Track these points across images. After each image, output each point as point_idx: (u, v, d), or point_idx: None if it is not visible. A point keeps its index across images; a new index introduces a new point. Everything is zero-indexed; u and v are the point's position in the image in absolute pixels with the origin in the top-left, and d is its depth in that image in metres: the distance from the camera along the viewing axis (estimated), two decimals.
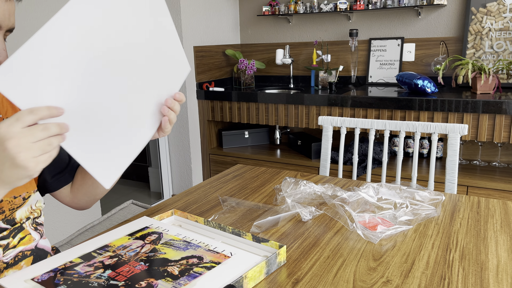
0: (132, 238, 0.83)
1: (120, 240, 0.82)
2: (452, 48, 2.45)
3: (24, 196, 0.85)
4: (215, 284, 0.66)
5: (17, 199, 0.83)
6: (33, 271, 0.72)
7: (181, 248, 0.78)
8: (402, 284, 0.70)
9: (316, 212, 0.97)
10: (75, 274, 0.70)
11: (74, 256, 0.77)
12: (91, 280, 0.68)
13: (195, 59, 2.71)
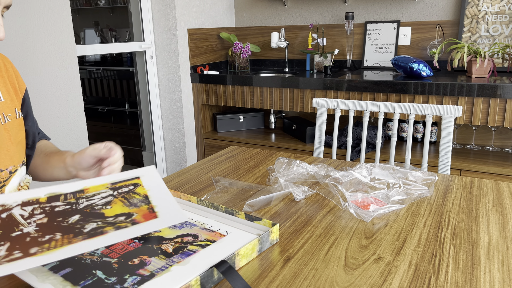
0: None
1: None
2: (448, 31, 2.43)
3: (11, 169, 0.84)
4: (209, 262, 0.66)
5: (4, 173, 0.83)
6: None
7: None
8: (394, 261, 0.70)
9: (308, 191, 0.96)
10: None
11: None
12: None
13: (189, 42, 2.67)
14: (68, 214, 0.69)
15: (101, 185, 0.79)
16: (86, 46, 2.39)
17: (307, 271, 0.67)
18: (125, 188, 0.78)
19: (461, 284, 0.63)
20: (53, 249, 0.59)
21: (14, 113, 0.88)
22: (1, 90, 0.86)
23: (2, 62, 0.89)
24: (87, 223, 0.67)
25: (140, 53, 2.70)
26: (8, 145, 0.85)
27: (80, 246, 0.60)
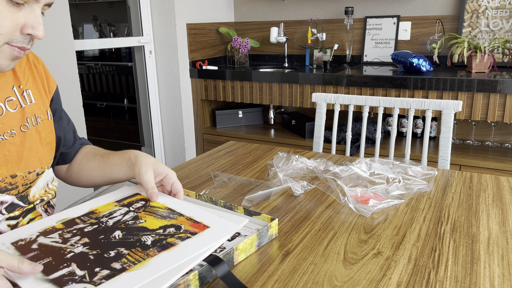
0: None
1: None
2: (448, 26, 2.42)
3: (38, 171, 0.85)
4: (184, 256, 0.62)
5: (31, 175, 0.83)
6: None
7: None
8: (393, 255, 0.69)
9: (308, 186, 0.96)
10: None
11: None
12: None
13: (188, 37, 2.66)
14: (105, 232, 0.70)
15: (107, 204, 0.81)
16: (84, 41, 2.37)
17: (306, 266, 0.67)
18: (136, 203, 0.81)
19: (461, 278, 0.63)
20: (141, 263, 0.60)
21: (46, 115, 0.88)
22: (33, 92, 0.86)
23: (33, 63, 0.89)
24: (139, 236, 0.68)
25: (139, 48, 2.69)
26: (38, 147, 0.85)
27: (167, 258, 0.62)
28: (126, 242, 0.67)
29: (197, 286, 0.61)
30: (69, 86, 2.00)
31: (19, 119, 0.81)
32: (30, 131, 0.83)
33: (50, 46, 1.89)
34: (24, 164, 0.81)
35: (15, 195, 0.80)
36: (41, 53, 1.85)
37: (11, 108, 0.80)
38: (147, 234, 0.69)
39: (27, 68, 0.87)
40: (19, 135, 0.81)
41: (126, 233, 0.70)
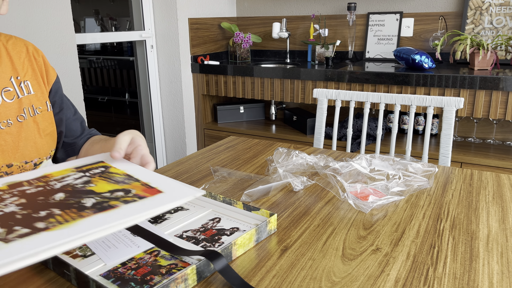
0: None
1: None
2: (451, 23, 2.41)
3: (36, 162, 0.86)
4: (118, 218, 0.56)
5: (28, 165, 0.84)
6: None
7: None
8: (392, 252, 0.69)
9: (307, 182, 0.96)
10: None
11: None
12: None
13: (190, 32, 2.65)
14: (47, 194, 0.63)
15: (64, 170, 0.73)
16: (86, 35, 2.37)
17: (304, 261, 0.67)
18: (95, 169, 0.73)
19: (459, 275, 0.63)
20: (66, 223, 0.54)
21: (45, 106, 0.89)
22: (32, 83, 0.87)
23: (33, 54, 0.89)
24: (81, 199, 0.61)
25: (141, 42, 2.68)
26: (36, 138, 0.85)
27: (98, 219, 0.55)
28: (63, 204, 0.60)
29: (195, 280, 0.61)
30: (70, 80, 2.00)
31: (16, 109, 0.82)
32: (27, 122, 0.84)
33: (51, 40, 1.89)
34: (20, 153, 0.82)
35: None
36: (41, 46, 1.85)
37: (8, 98, 0.81)
38: (90, 197, 0.62)
39: (26, 59, 0.87)
40: (16, 125, 0.81)
41: (69, 196, 0.63)
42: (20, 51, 0.87)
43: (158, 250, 0.69)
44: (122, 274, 0.62)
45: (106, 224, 0.54)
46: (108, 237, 0.73)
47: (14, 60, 0.84)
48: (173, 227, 0.77)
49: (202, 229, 0.76)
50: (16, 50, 0.86)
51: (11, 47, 0.86)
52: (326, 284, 0.61)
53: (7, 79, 0.82)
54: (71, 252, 0.69)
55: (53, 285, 0.61)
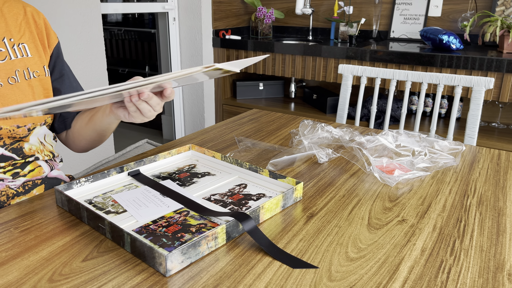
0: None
1: None
2: (482, 4, 2.33)
3: (29, 127, 0.84)
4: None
5: (21, 129, 0.83)
6: None
7: None
8: (418, 223, 0.70)
9: (333, 154, 0.96)
10: None
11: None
12: None
13: (213, 5, 2.63)
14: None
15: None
16: (108, 5, 2.37)
17: (330, 228, 0.68)
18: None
19: (486, 248, 0.63)
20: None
21: (43, 71, 0.86)
22: (29, 46, 0.85)
23: (32, 17, 0.87)
24: None
25: (163, 14, 2.67)
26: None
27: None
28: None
29: (224, 239, 0.62)
30: (94, 50, 2.01)
31: (6, 70, 0.80)
32: (20, 85, 0.82)
33: (77, 8, 1.89)
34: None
35: (1, 146, 0.81)
36: (67, 14, 1.86)
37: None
38: None
39: (24, 22, 0.85)
40: (6, 87, 0.80)
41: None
42: (17, 13, 0.85)
43: (188, 210, 0.70)
44: (153, 230, 0.64)
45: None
46: (138, 197, 0.75)
47: (9, 22, 0.83)
48: (201, 190, 0.79)
49: (229, 193, 0.77)
50: (13, 13, 0.84)
51: (7, 10, 0.84)
52: (353, 250, 0.62)
53: (0, 40, 0.80)
54: (103, 209, 0.71)
55: (88, 237, 0.64)
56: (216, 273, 0.56)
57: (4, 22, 0.82)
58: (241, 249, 0.61)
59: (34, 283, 0.53)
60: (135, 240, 0.58)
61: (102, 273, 0.55)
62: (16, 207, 0.73)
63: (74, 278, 0.54)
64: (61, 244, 0.62)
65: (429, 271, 0.57)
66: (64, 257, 0.59)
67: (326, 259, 0.59)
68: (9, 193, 0.82)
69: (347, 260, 0.59)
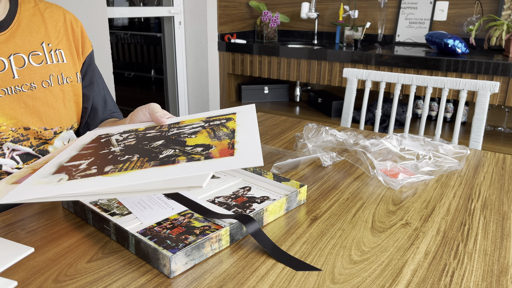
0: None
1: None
2: (487, 8, 2.33)
3: (56, 130, 0.87)
4: (164, 175, 0.56)
5: (48, 132, 0.85)
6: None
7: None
8: (421, 227, 0.70)
9: (337, 158, 0.96)
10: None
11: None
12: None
13: (218, 9, 2.64)
14: (155, 139, 0.70)
15: (197, 119, 0.78)
16: (114, 9, 2.39)
17: (334, 231, 0.68)
18: (217, 121, 0.74)
19: (490, 252, 0.63)
20: (123, 172, 0.58)
21: (75, 77, 0.89)
22: (65, 52, 0.87)
23: (71, 24, 0.90)
24: (166, 148, 0.64)
25: (169, 18, 2.69)
26: (60, 106, 0.86)
27: (146, 173, 0.56)
28: (147, 151, 0.64)
29: (228, 241, 0.63)
30: (100, 54, 2.03)
31: (42, 74, 0.82)
32: (53, 89, 0.84)
33: (83, 12, 1.91)
34: (38, 118, 0.83)
35: (29, 146, 0.83)
36: None
37: (36, 62, 0.81)
38: (174, 148, 0.64)
39: (62, 29, 0.88)
40: (40, 90, 0.82)
41: (163, 144, 0.66)
42: (57, 19, 0.88)
43: (192, 213, 0.71)
44: (158, 232, 0.65)
45: (140, 178, 0.55)
46: (143, 199, 0.75)
47: (49, 28, 0.85)
48: (205, 192, 0.79)
49: (233, 196, 0.78)
50: (53, 19, 0.87)
51: (48, 15, 0.86)
52: (356, 252, 0.62)
53: (38, 44, 0.83)
54: (108, 210, 0.72)
55: (93, 239, 0.64)
56: (219, 274, 0.57)
57: (44, 27, 0.85)
58: (244, 251, 0.62)
59: (40, 284, 0.54)
60: (140, 241, 0.58)
61: (107, 274, 0.56)
62: (23, 208, 0.74)
63: (79, 279, 0.55)
64: (67, 245, 0.62)
65: (433, 274, 0.57)
66: (70, 258, 0.59)
67: (330, 262, 0.60)
68: None
69: (351, 263, 0.59)
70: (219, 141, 0.65)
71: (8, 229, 0.67)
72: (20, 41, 0.80)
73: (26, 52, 0.80)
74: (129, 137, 0.74)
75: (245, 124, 0.71)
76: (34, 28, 0.83)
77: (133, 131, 0.78)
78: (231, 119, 0.74)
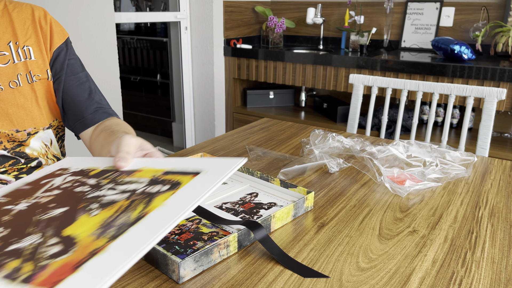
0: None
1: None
2: (494, 14, 2.32)
3: (30, 131, 0.84)
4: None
5: (20, 133, 0.83)
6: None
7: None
8: (429, 234, 0.70)
9: (343, 164, 0.96)
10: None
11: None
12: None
13: (224, 14, 2.66)
14: (62, 202, 0.59)
15: (153, 170, 0.63)
16: (121, 14, 2.41)
17: (341, 238, 0.68)
18: (166, 182, 0.58)
19: (498, 260, 0.63)
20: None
21: (45, 74, 0.86)
22: (34, 49, 0.84)
23: (39, 21, 0.86)
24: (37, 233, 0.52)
25: (175, 23, 2.71)
26: (32, 106, 0.83)
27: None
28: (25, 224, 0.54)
29: (236, 248, 0.63)
30: (107, 58, 2.05)
31: (8, 74, 0.80)
32: (22, 89, 0.81)
33: (90, 18, 1.93)
34: (9, 121, 0.80)
35: (2, 149, 0.81)
36: (81, 24, 1.90)
37: (1, 63, 0.79)
38: (39, 236, 0.51)
39: (31, 26, 0.85)
40: (7, 91, 0.80)
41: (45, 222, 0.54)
42: (25, 18, 0.85)
43: (200, 219, 0.71)
44: (166, 238, 0.65)
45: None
46: None
47: (17, 27, 0.83)
48: (212, 198, 0.79)
49: (241, 202, 0.78)
50: (21, 17, 0.84)
51: (16, 15, 0.84)
52: (363, 259, 0.62)
53: (5, 44, 0.80)
54: None
55: None
56: (228, 281, 0.57)
57: (11, 27, 0.82)
58: (252, 258, 0.62)
59: None
60: None
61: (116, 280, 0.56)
62: None
63: None
64: None
65: (440, 282, 0.57)
66: None
67: (337, 269, 0.60)
68: None
69: (358, 270, 0.60)
70: (101, 236, 0.47)
71: None
72: None
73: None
74: (56, 187, 0.63)
75: (181, 199, 0.52)
76: (0, 29, 0.81)
77: (79, 173, 0.66)
78: (179, 184, 0.56)
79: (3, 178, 0.83)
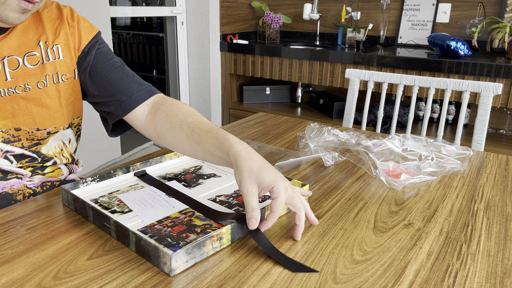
0: None
1: None
2: (490, 10, 2.32)
3: (50, 131, 0.85)
4: None
5: (40, 132, 0.83)
6: None
7: None
8: (424, 227, 0.69)
9: (339, 158, 0.96)
10: None
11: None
12: None
13: (221, 10, 2.64)
14: None
15: None
16: (117, 8, 2.39)
17: (335, 231, 0.67)
18: None
19: (494, 253, 0.62)
20: None
21: (72, 74, 0.86)
22: (62, 47, 0.84)
23: (66, 16, 0.86)
24: None
25: (171, 18, 2.69)
26: (55, 106, 0.84)
27: None
28: None
29: (229, 240, 0.62)
30: None
31: (37, 75, 0.80)
32: (48, 89, 0.82)
33: (85, 10, 1.91)
34: (31, 120, 0.81)
35: (20, 147, 0.81)
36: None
37: (30, 64, 0.79)
38: None
39: (60, 24, 0.85)
40: (35, 91, 0.80)
41: None
42: (55, 17, 0.85)
43: (193, 211, 0.70)
44: (158, 230, 0.64)
45: None
46: (144, 197, 0.75)
47: (47, 26, 0.83)
48: (207, 191, 0.79)
49: (235, 194, 0.77)
50: (51, 18, 0.85)
51: (46, 15, 0.84)
52: (358, 252, 0.61)
53: (35, 43, 0.81)
54: (109, 208, 0.71)
55: (93, 236, 0.64)
56: (220, 273, 0.56)
57: (41, 26, 0.83)
58: (246, 250, 0.61)
59: (39, 280, 0.54)
60: (140, 239, 0.58)
61: (106, 272, 0.55)
62: (23, 205, 0.73)
63: (78, 276, 0.54)
64: (67, 243, 0.62)
65: (436, 275, 0.57)
66: (69, 255, 0.59)
67: (331, 262, 0.59)
68: (26, 193, 0.83)
69: (353, 263, 0.59)
70: None
71: (7, 225, 0.66)
72: (15, 44, 0.78)
73: (21, 54, 0.78)
74: None
75: None
76: (30, 29, 0.81)
77: None
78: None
79: (20, 172, 0.83)
